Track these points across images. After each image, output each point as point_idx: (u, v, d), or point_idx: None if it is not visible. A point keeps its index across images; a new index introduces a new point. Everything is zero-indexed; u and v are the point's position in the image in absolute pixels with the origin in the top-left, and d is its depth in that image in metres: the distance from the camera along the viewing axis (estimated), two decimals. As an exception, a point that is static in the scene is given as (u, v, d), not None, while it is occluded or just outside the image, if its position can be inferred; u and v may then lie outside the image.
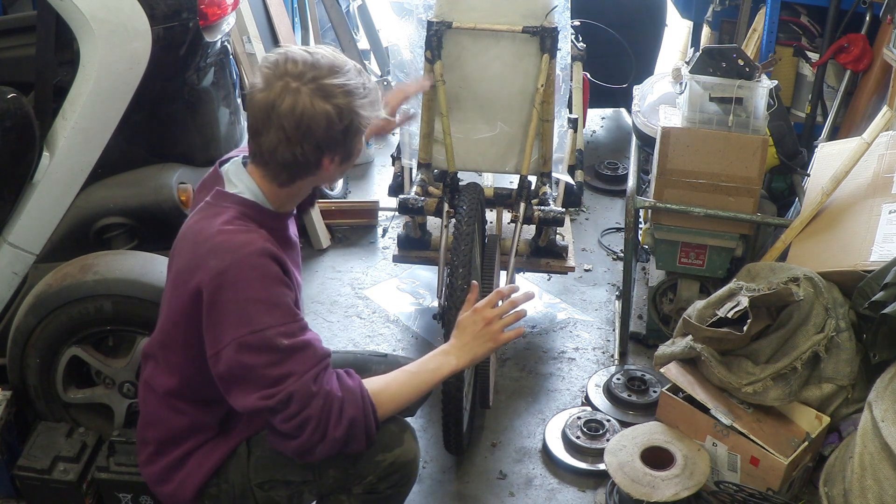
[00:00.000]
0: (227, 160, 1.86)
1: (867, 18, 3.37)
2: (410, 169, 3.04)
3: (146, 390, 1.88)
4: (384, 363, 2.16)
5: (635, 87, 3.51)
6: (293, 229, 1.95)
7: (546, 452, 2.69)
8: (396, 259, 3.13)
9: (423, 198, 2.81)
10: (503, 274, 2.86)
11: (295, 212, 1.95)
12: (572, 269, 3.11)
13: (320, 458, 1.73)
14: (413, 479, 1.93)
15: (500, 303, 1.91)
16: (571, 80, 3.20)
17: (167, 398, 1.83)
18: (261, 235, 1.69)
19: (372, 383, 1.76)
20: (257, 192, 1.76)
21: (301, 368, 1.64)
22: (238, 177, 1.77)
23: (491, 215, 3.11)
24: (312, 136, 1.66)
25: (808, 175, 2.87)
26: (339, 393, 1.67)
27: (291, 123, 1.64)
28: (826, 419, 2.34)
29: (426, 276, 3.56)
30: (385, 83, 3.82)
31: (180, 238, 1.76)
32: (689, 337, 2.45)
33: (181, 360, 1.78)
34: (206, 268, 1.64)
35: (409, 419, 2.23)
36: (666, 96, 3.18)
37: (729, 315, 2.35)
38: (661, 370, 2.51)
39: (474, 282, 2.01)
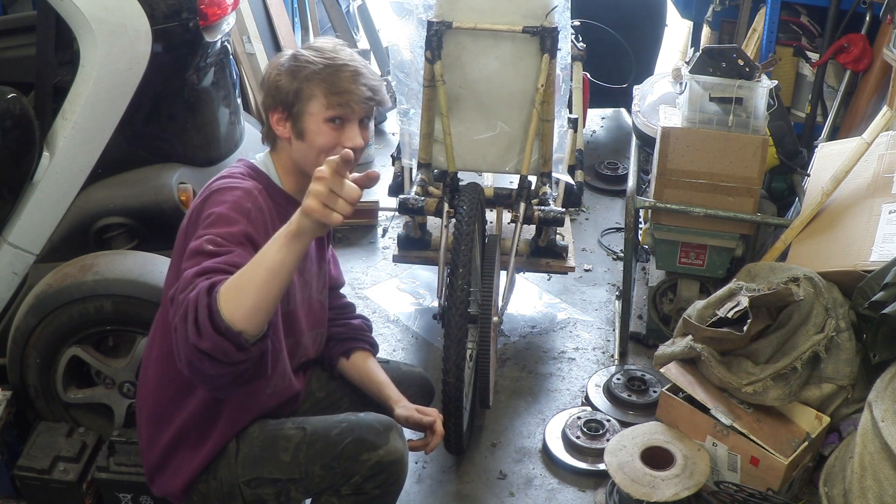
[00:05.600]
0: None
1: (867, 18, 3.38)
2: (410, 169, 3.04)
3: (145, 357, 1.95)
4: (385, 369, 2.16)
5: (635, 87, 3.51)
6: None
7: (546, 452, 2.69)
8: (396, 259, 3.13)
9: (423, 198, 2.81)
10: (503, 274, 2.86)
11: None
12: (572, 269, 3.11)
13: (187, 360, 1.57)
14: (401, 479, 1.92)
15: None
16: (571, 80, 3.20)
17: (159, 363, 1.88)
18: (258, 189, 1.80)
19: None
20: (270, 168, 1.91)
21: (198, 267, 1.60)
22: (260, 154, 1.95)
23: (491, 215, 3.11)
24: (264, 84, 1.87)
25: (808, 175, 2.87)
26: (196, 288, 1.59)
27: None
28: (826, 419, 2.34)
29: (426, 276, 3.56)
30: (385, 83, 3.82)
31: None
32: (689, 337, 2.45)
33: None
34: (203, 192, 1.80)
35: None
36: (666, 96, 3.18)
37: (729, 315, 2.35)
38: (661, 370, 2.51)
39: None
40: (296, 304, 1.97)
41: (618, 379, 2.87)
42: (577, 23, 3.60)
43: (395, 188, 3.19)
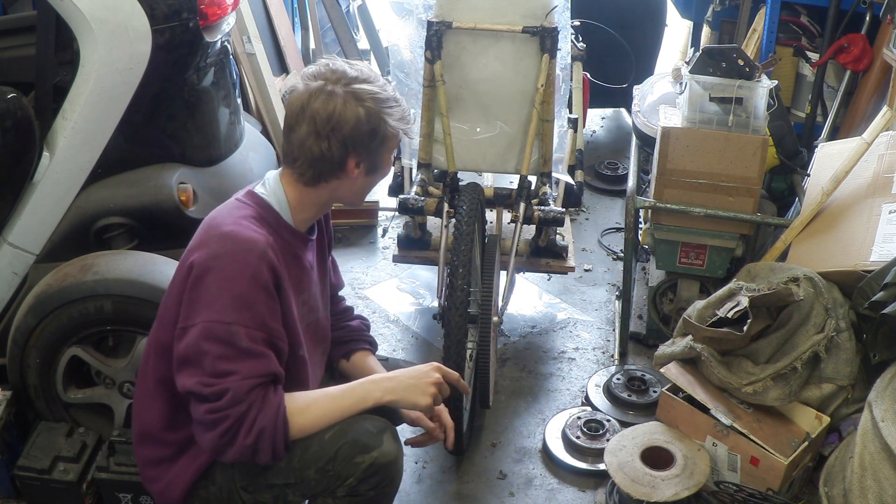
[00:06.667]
0: None
1: (867, 18, 3.38)
2: (410, 169, 3.04)
3: (141, 373, 1.93)
4: (385, 366, 2.16)
5: (635, 87, 3.51)
6: (311, 257, 1.97)
7: (546, 452, 2.69)
8: (396, 259, 3.13)
9: (423, 198, 2.81)
10: (503, 274, 2.86)
11: (314, 237, 1.98)
12: (572, 269, 3.11)
13: (231, 460, 1.77)
14: (396, 481, 1.92)
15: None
16: (571, 80, 3.20)
17: (161, 387, 1.87)
18: (268, 242, 1.75)
19: (295, 402, 1.79)
20: (282, 201, 1.85)
21: (247, 372, 1.70)
22: (270, 182, 1.87)
23: (491, 215, 3.11)
24: (340, 131, 1.75)
25: (808, 175, 2.87)
26: (259, 404, 1.72)
27: (322, 117, 1.74)
28: (826, 419, 2.34)
29: (426, 276, 3.56)
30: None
31: (202, 222, 1.84)
32: (689, 337, 2.45)
33: (170, 337, 1.81)
34: (206, 248, 1.74)
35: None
36: (666, 96, 3.18)
37: (729, 315, 2.35)
38: (661, 370, 2.51)
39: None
40: (303, 341, 1.96)
41: (618, 379, 2.87)
42: (577, 23, 3.61)
43: (395, 188, 3.19)
